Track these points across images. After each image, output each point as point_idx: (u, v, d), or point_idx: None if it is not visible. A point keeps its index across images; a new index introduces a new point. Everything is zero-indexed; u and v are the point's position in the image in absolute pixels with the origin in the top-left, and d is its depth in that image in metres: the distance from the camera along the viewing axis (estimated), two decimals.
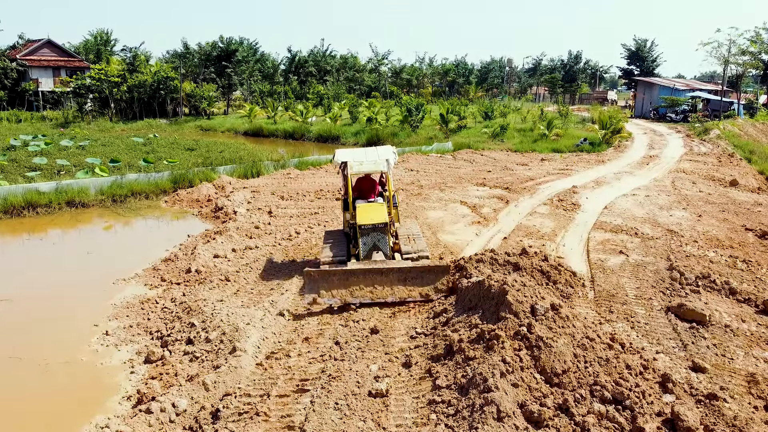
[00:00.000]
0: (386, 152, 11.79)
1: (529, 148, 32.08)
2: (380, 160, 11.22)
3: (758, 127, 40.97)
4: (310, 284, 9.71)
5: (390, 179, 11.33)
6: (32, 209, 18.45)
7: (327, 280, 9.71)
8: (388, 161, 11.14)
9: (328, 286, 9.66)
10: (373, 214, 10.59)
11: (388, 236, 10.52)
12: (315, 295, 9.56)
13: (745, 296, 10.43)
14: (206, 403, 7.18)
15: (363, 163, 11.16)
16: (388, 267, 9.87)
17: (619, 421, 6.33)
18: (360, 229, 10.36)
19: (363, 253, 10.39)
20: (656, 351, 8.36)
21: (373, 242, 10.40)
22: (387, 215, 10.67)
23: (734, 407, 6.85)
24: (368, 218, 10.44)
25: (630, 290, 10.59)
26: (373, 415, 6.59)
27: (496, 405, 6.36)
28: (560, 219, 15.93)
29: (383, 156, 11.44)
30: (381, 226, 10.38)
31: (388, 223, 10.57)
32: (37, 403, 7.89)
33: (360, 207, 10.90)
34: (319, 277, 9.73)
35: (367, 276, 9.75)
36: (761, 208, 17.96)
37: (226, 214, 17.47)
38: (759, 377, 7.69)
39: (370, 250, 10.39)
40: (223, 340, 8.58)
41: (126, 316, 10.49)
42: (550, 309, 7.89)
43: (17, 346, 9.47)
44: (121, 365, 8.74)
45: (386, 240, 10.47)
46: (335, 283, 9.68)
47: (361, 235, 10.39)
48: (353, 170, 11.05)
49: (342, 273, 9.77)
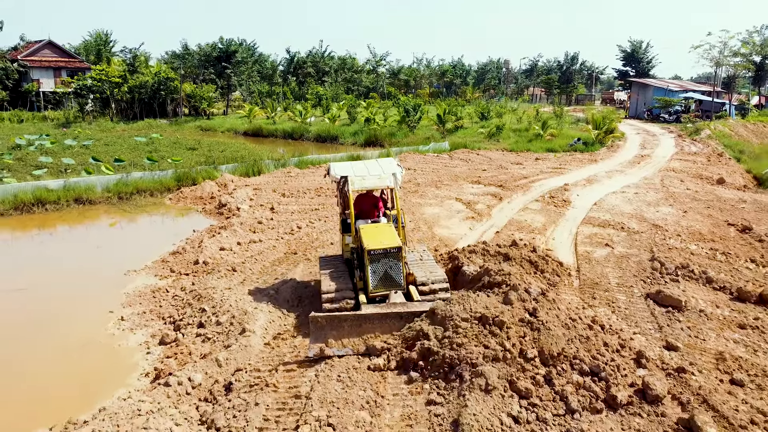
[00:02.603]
0: (390, 165, 10.37)
1: (524, 148, 32.78)
2: (385, 175, 9.90)
3: (749, 127, 41.74)
4: (317, 332, 8.06)
5: (397, 196, 10.06)
6: (41, 206, 19.07)
7: (336, 327, 8.08)
8: (395, 175, 9.89)
9: (337, 334, 8.05)
10: (383, 236, 9.09)
11: (402, 263, 8.91)
12: (322, 344, 7.96)
13: (721, 284, 11.12)
14: (219, 378, 7.84)
15: (366, 178, 9.82)
16: (408, 311, 8.29)
17: (594, 390, 7.00)
18: (369, 255, 8.71)
19: (372, 283, 8.79)
20: (634, 332, 9.05)
21: (384, 270, 8.81)
22: (399, 238, 9.25)
23: (701, 379, 7.54)
24: (378, 242, 8.85)
25: (613, 279, 11.28)
26: (372, 386, 7.24)
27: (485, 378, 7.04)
28: (551, 214, 16.61)
29: (388, 170, 10.08)
30: (394, 250, 8.78)
31: (402, 248, 8.95)
32: (61, 381, 8.52)
33: (364, 229, 9.43)
34: (327, 324, 8.07)
35: (385, 322, 8.19)
36: (745, 205, 18.65)
37: (230, 210, 18.10)
38: (727, 355, 8.37)
39: (381, 280, 8.83)
40: (233, 323, 9.24)
41: (139, 303, 11.13)
42: (540, 294, 8.57)
43: (36, 332, 10.11)
44: (138, 347, 9.39)
45: (400, 267, 8.87)
46: (346, 330, 8.08)
47: (371, 262, 8.74)
48: (355, 186, 9.71)
49: (354, 318, 8.14)
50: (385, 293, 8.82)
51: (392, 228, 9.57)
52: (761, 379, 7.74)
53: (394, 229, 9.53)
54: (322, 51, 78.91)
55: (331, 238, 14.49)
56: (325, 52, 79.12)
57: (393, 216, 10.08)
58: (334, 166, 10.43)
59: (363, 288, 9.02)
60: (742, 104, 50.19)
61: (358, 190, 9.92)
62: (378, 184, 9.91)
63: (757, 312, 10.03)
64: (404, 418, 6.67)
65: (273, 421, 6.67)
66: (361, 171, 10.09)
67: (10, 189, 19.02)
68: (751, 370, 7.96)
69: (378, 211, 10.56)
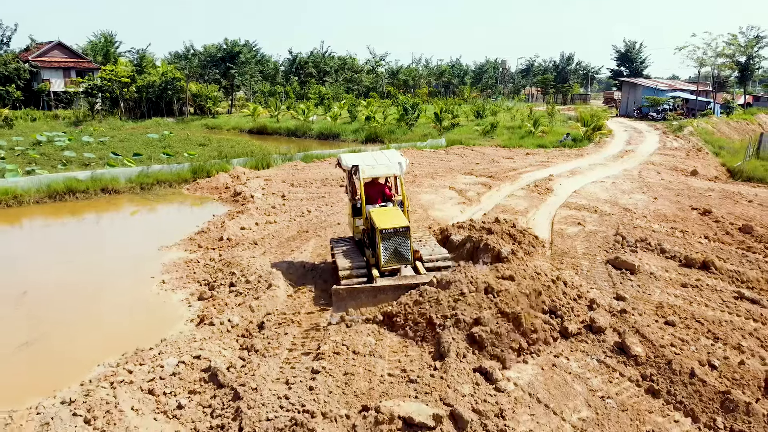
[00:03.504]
0: (395, 155, 11.48)
1: (516, 144, 34.67)
2: (392, 164, 10.99)
3: (732, 125, 43.71)
4: (338, 302, 9.40)
5: (402, 183, 11.19)
6: (72, 194, 20.95)
7: (355, 298, 9.39)
8: (400, 164, 10.97)
9: (356, 304, 9.35)
10: (393, 218, 10.16)
11: (410, 241, 10.01)
12: (343, 312, 9.24)
13: (672, 254, 13.03)
14: (253, 319, 9.75)
15: (375, 167, 10.89)
16: (417, 282, 9.50)
17: (552, 323, 8.91)
18: (381, 234, 9.78)
19: (384, 258, 9.88)
20: (591, 287, 10.96)
21: (394, 247, 9.89)
22: (406, 219, 10.39)
23: (637, 318, 9.44)
24: (389, 222, 9.95)
25: (580, 249, 13.20)
26: (373, 331, 9.14)
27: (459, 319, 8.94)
28: (534, 200, 18.53)
29: (394, 159, 11.18)
30: (402, 229, 9.87)
31: (410, 227, 10.09)
32: (122, 327, 10.39)
33: (375, 211, 10.49)
34: (347, 295, 9.40)
35: (397, 292, 9.38)
36: (712, 193, 20.55)
37: (244, 198, 19.99)
38: (665, 305, 10.29)
39: (391, 255, 9.92)
40: (260, 281, 11.15)
41: (175, 271, 13.03)
42: (510, 252, 10.49)
43: (93, 292, 12.00)
44: (180, 302, 11.28)
45: (408, 245, 9.97)
46: (363, 300, 9.38)
47: (382, 240, 9.81)
48: (365, 174, 10.76)
49: (371, 290, 9.43)
50: (395, 267, 9.93)
51: (399, 210, 10.67)
52: (690, 321, 9.64)
53: (401, 211, 10.64)
54: (323, 51, 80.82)
55: (338, 220, 16.38)
56: (326, 52, 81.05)
57: (398, 201, 11.26)
58: (345, 157, 11.64)
59: (375, 264, 10.09)
60: (727, 103, 52.20)
61: (367, 177, 10.91)
62: (385, 172, 10.97)
63: (699, 275, 11.93)
64: (400, 342, 8.58)
65: (300, 345, 8.59)
66: (370, 161, 11.13)
67: (44, 179, 20.91)
68: (683, 315, 9.86)
69: (383, 196, 11.57)
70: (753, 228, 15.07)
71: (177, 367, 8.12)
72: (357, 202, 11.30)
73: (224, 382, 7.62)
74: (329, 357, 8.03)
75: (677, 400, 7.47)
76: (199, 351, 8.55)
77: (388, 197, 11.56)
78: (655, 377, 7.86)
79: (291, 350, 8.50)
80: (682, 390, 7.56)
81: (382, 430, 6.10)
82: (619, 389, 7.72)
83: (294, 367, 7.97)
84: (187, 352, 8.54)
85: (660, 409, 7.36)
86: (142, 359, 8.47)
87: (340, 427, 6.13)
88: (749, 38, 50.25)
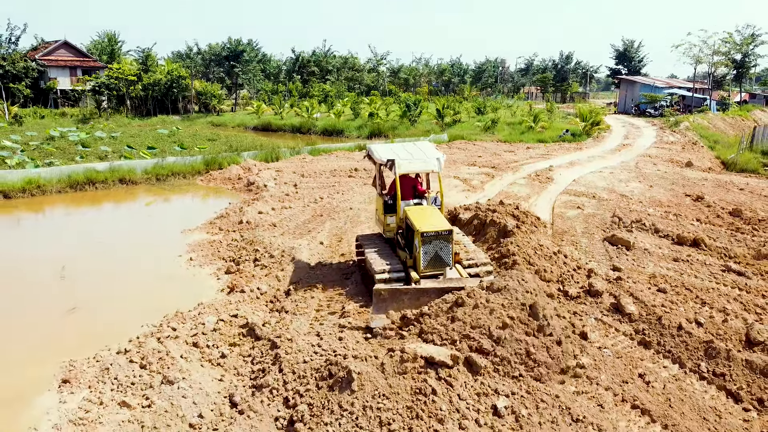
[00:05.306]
0: (431, 149, 10.80)
1: (517, 139, 35.57)
2: (430, 159, 10.23)
3: (728, 120, 44.66)
4: (379, 304, 8.73)
5: (441, 180, 10.40)
6: (92, 185, 21.83)
7: (397, 300, 8.77)
8: (438, 160, 10.23)
9: (397, 306, 8.72)
10: (433, 219, 9.47)
11: (452, 245, 9.34)
12: (383, 315, 8.67)
13: (665, 234, 13.94)
14: (280, 287, 10.66)
15: (412, 162, 10.14)
16: (462, 286, 8.77)
17: (553, 289, 9.81)
18: (422, 237, 9.09)
19: (423, 263, 9.21)
20: (589, 260, 11.87)
21: (435, 251, 9.21)
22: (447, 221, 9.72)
23: (632, 285, 10.35)
24: (430, 225, 9.24)
25: (579, 229, 14.12)
26: None
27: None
28: (535, 188, 19.44)
29: (431, 154, 10.46)
30: (445, 233, 9.18)
31: (452, 230, 9.44)
32: (161, 295, 11.26)
33: (412, 210, 9.83)
34: (389, 297, 8.76)
35: (440, 294, 8.71)
36: (705, 182, 21.47)
37: (258, 187, 20.87)
38: (658, 275, 11.21)
39: (431, 260, 9.24)
40: (283, 255, 12.06)
41: (201, 250, 13.92)
42: (515, 227, 11.40)
43: (122, 269, 12.89)
44: (209, 276, 12.18)
45: (450, 249, 9.29)
46: (405, 303, 8.75)
47: (423, 244, 9.11)
48: (401, 170, 9.97)
49: (414, 292, 8.85)
50: (436, 273, 9.32)
51: (438, 211, 9.96)
52: (680, 289, 10.54)
53: (440, 213, 9.93)
54: (325, 50, 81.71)
55: (350, 206, 17.26)
56: (328, 51, 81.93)
57: (431, 198, 10.59)
58: (377, 149, 10.85)
59: (412, 266, 9.46)
60: (724, 100, 53.20)
61: (404, 173, 10.18)
62: (424, 168, 10.25)
63: (690, 251, 12.85)
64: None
65: (326, 306, 9.51)
66: (405, 155, 10.37)
67: (65, 170, 21.80)
68: (673, 283, 10.77)
69: (415, 192, 10.83)
70: (742, 212, 15.98)
71: (217, 324, 9.03)
72: (388, 198, 10.66)
73: (261, 335, 8.53)
74: (354, 315, 8.94)
75: (666, 349, 8.38)
76: (235, 311, 9.46)
77: (420, 193, 10.82)
78: (647, 331, 8.77)
79: (318, 310, 9.41)
80: (671, 341, 8.47)
81: (406, 367, 6.99)
82: (615, 341, 8.64)
83: (322, 324, 8.88)
84: (225, 311, 9.44)
85: (651, 357, 8.27)
86: (184, 319, 9.38)
87: (370, 365, 7.01)
88: (745, 36, 51.24)
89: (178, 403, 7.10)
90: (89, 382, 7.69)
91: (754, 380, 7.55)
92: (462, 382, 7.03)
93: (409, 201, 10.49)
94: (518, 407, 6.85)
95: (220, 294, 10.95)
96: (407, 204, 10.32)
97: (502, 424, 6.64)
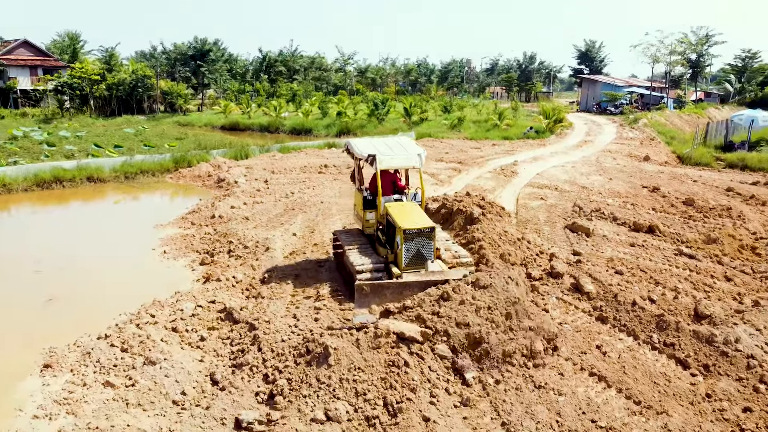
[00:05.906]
0: (412, 145, 10.66)
1: (483, 137, 36.34)
2: (411, 155, 10.11)
3: (684, 118, 46.39)
4: (361, 299, 8.59)
5: (422, 176, 10.49)
6: (59, 183, 21.64)
7: (379, 294, 8.65)
8: (420, 156, 10.14)
9: (379, 300, 8.60)
10: (415, 216, 9.47)
11: (434, 242, 9.32)
12: (366, 309, 8.51)
13: (623, 221, 14.68)
14: (255, 276, 10.96)
15: (393, 158, 9.97)
16: (445, 279, 8.69)
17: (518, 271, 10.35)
18: (404, 234, 9.06)
19: (405, 260, 9.16)
20: (551, 246, 12.48)
21: (417, 248, 9.18)
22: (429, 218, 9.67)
23: (591, 267, 10.97)
24: (411, 222, 9.23)
25: (542, 218, 14.76)
26: None
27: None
28: (500, 181, 20.09)
29: (412, 150, 10.32)
30: (427, 230, 9.18)
31: (435, 227, 9.40)
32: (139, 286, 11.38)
33: (393, 207, 9.78)
34: (371, 292, 8.64)
35: (422, 288, 8.63)
36: (662, 175, 22.46)
37: (228, 183, 21.01)
38: (615, 259, 11.87)
39: (413, 257, 9.20)
40: (257, 246, 12.36)
41: (174, 243, 14.09)
42: (481, 214, 11.93)
43: (96, 262, 12.99)
44: (183, 267, 12.38)
45: (432, 246, 9.28)
46: (388, 297, 8.64)
47: (405, 241, 9.07)
48: (383, 165, 9.84)
49: (397, 286, 8.76)
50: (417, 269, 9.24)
51: (419, 207, 9.93)
52: (635, 271, 11.20)
53: (421, 209, 9.89)
54: (292, 50, 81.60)
55: (321, 199, 17.59)
56: (295, 51, 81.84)
57: (411, 194, 10.58)
58: (357, 144, 10.67)
59: (393, 261, 9.40)
60: (680, 98, 55.22)
61: (386, 168, 10.02)
62: (405, 164, 10.12)
63: (645, 237, 13.59)
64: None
65: (301, 291, 9.86)
66: (386, 150, 10.18)
67: (32, 169, 21.58)
68: (629, 266, 11.43)
69: (394, 188, 10.73)
70: (695, 201, 16.86)
71: (195, 309, 9.31)
72: (367, 194, 10.57)
73: (239, 319, 8.84)
74: (328, 298, 9.32)
75: (621, 324, 8.99)
76: (213, 297, 9.75)
77: (400, 189, 10.79)
78: (604, 308, 9.38)
79: (294, 295, 9.76)
80: (625, 316, 9.08)
81: (380, 342, 7.40)
82: (574, 318, 9.22)
83: (298, 307, 9.25)
84: (203, 298, 9.72)
85: (607, 331, 8.87)
86: (162, 306, 9.62)
87: (346, 341, 7.40)
88: (699, 37, 53.26)
89: (161, 382, 7.37)
90: (71, 366, 7.89)
91: (700, 348, 8.18)
92: (432, 356, 7.48)
93: (389, 197, 10.42)
94: (485, 378, 7.34)
95: (196, 284, 11.18)
96: (388, 200, 10.24)
97: (470, 392, 7.12)
